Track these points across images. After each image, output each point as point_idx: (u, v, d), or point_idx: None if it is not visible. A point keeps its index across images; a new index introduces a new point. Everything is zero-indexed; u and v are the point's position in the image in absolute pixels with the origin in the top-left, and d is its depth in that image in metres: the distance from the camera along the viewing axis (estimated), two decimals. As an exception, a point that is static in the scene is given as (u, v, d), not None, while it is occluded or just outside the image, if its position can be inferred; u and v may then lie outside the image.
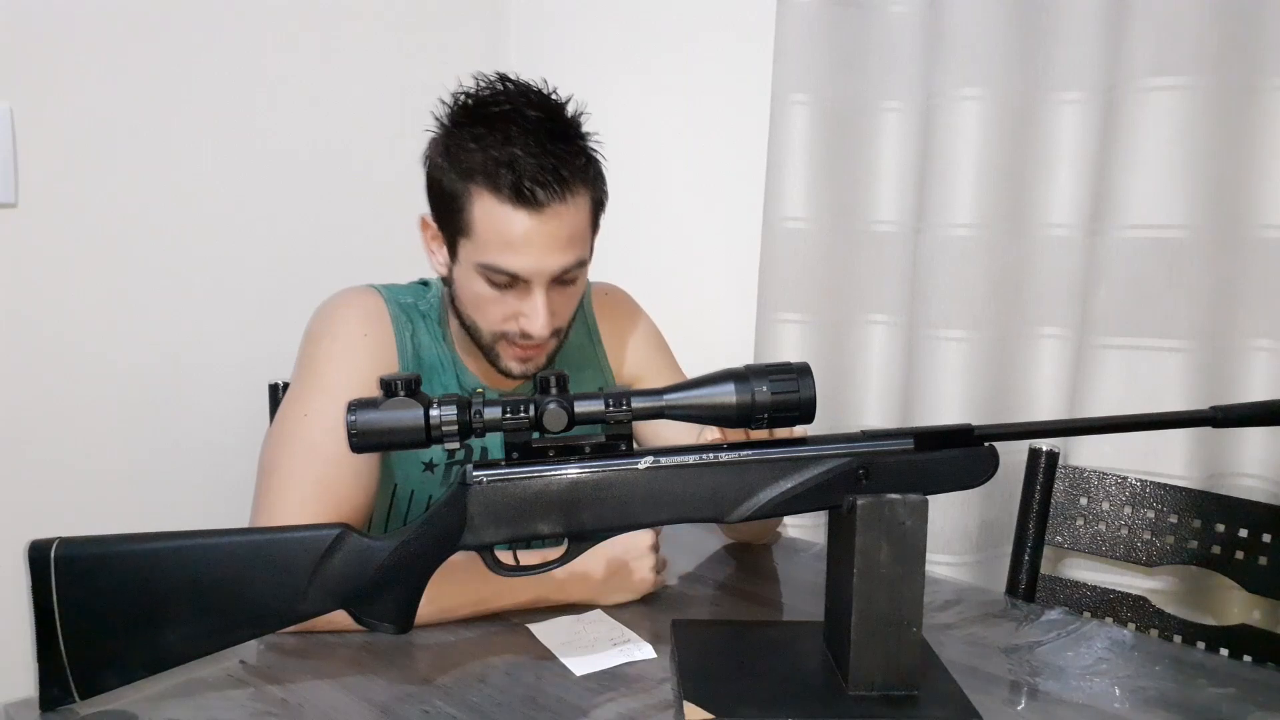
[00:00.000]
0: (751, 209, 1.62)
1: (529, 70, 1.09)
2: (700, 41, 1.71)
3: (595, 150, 1.04)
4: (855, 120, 1.51)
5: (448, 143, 1.01)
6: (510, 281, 1.00)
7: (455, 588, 0.96)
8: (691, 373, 1.10)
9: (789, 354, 1.56)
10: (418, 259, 1.21)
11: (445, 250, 1.06)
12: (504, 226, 0.97)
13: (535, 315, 1.00)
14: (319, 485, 1.00)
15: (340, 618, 0.83)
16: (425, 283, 1.16)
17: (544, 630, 0.97)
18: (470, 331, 1.06)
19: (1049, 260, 1.39)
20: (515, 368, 1.06)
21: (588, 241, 1.04)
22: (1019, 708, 0.86)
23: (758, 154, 1.59)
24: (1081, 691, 0.88)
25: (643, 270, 1.39)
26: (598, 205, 1.05)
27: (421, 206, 1.11)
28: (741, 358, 1.36)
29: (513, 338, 1.03)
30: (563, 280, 1.02)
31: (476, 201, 0.98)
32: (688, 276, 1.74)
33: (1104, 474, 1.24)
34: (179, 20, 1.43)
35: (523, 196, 0.96)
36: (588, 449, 0.83)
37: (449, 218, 1.02)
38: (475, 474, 0.81)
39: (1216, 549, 1.17)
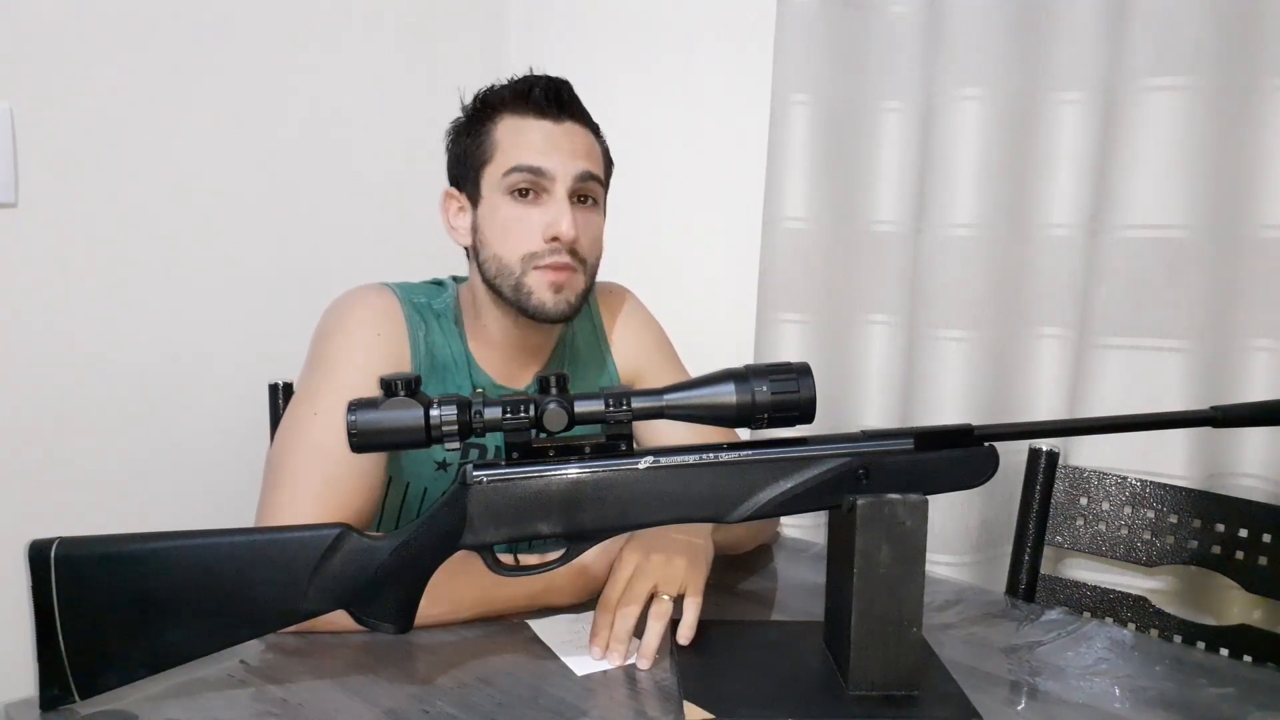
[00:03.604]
0: (751, 209, 1.62)
1: (528, 71, 1.10)
2: (700, 42, 1.71)
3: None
4: (855, 120, 1.51)
5: (470, 115, 1.10)
6: (535, 186, 1.04)
7: (457, 589, 0.96)
8: (692, 373, 1.10)
9: (789, 354, 1.56)
10: (419, 259, 1.22)
11: (468, 215, 1.09)
12: (527, 134, 1.05)
13: (562, 216, 1.03)
14: (326, 484, 1.00)
15: (340, 618, 0.83)
16: (439, 282, 1.16)
17: (545, 630, 0.97)
18: (499, 281, 1.06)
19: (1049, 260, 1.39)
20: (549, 299, 1.05)
21: (601, 170, 1.10)
22: (1019, 708, 0.86)
23: (758, 154, 1.59)
24: (1081, 691, 0.88)
25: (643, 270, 1.39)
26: (607, 164, 1.13)
27: (423, 207, 1.11)
28: (741, 358, 1.36)
29: (543, 257, 1.04)
30: (582, 198, 1.07)
31: (499, 125, 1.06)
32: (688, 276, 1.74)
33: (1104, 474, 1.24)
34: (179, 21, 1.43)
35: (544, 108, 1.05)
36: (588, 449, 0.83)
37: (472, 162, 1.08)
38: (475, 474, 0.81)
39: (1216, 549, 1.17)
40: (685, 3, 1.72)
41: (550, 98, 1.06)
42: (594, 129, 1.11)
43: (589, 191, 1.07)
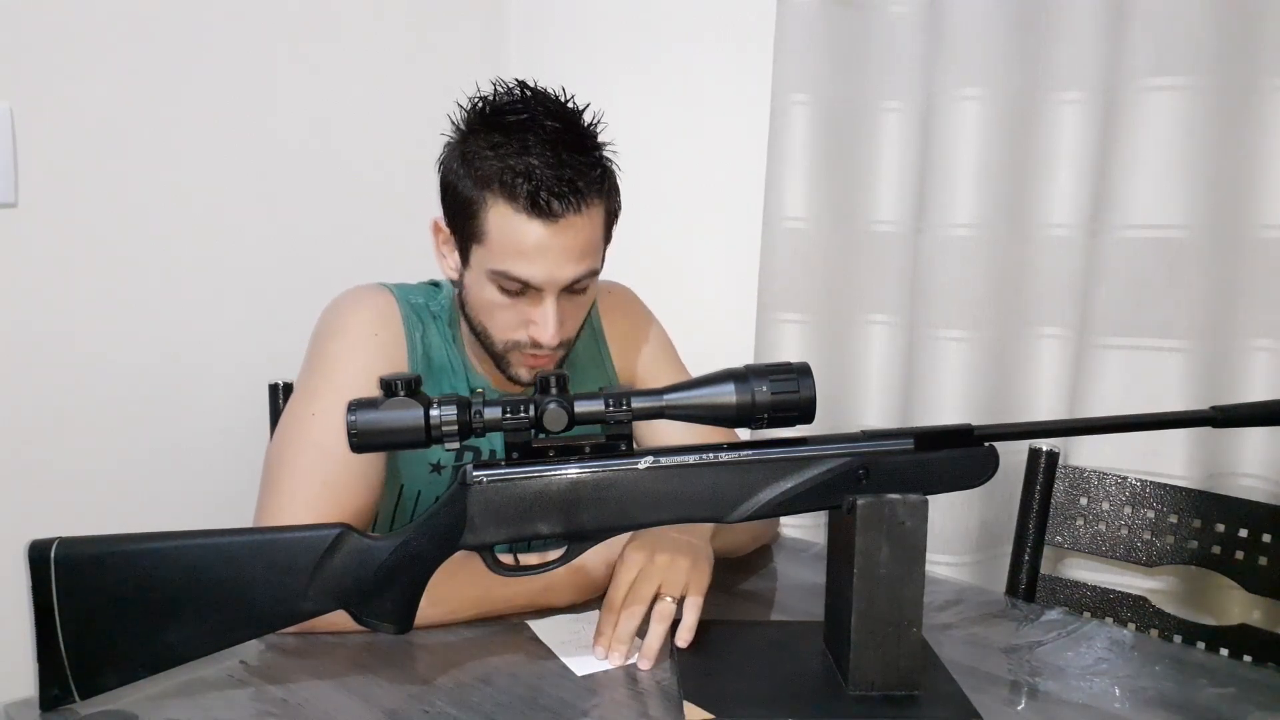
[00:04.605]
0: (751, 209, 1.62)
1: (529, 71, 1.09)
2: (700, 42, 1.71)
3: (610, 160, 1.03)
4: (855, 120, 1.51)
5: (464, 149, 1.00)
6: (522, 289, 0.99)
7: (457, 589, 0.96)
8: (692, 373, 1.10)
9: (789, 354, 1.56)
10: (418, 260, 1.21)
11: (457, 255, 1.05)
12: (518, 236, 0.97)
13: (546, 324, 1.00)
14: (325, 485, 1.00)
15: (340, 618, 0.83)
16: (436, 284, 1.16)
17: (544, 630, 0.97)
18: (480, 337, 1.06)
19: (1049, 260, 1.39)
20: (524, 375, 1.06)
21: (600, 252, 1.03)
22: (1019, 708, 0.86)
23: (758, 154, 1.59)
24: (1081, 691, 0.88)
25: (643, 270, 1.39)
26: (611, 216, 1.05)
27: (422, 206, 1.11)
28: (741, 358, 1.36)
29: (523, 346, 1.03)
30: (574, 289, 1.01)
31: (491, 209, 0.98)
32: (688, 276, 1.74)
33: (1104, 474, 1.24)
34: (178, 20, 1.43)
35: (538, 207, 0.95)
36: (588, 449, 0.83)
37: (463, 223, 1.01)
38: (475, 474, 0.81)
39: (1216, 549, 1.17)
40: (685, 3, 1.72)
41: (544, 199, 0.95)
42: (602, 191, 1.00)
43: (580, 286, 1.01)
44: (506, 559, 0.87)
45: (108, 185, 1.38)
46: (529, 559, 0.92)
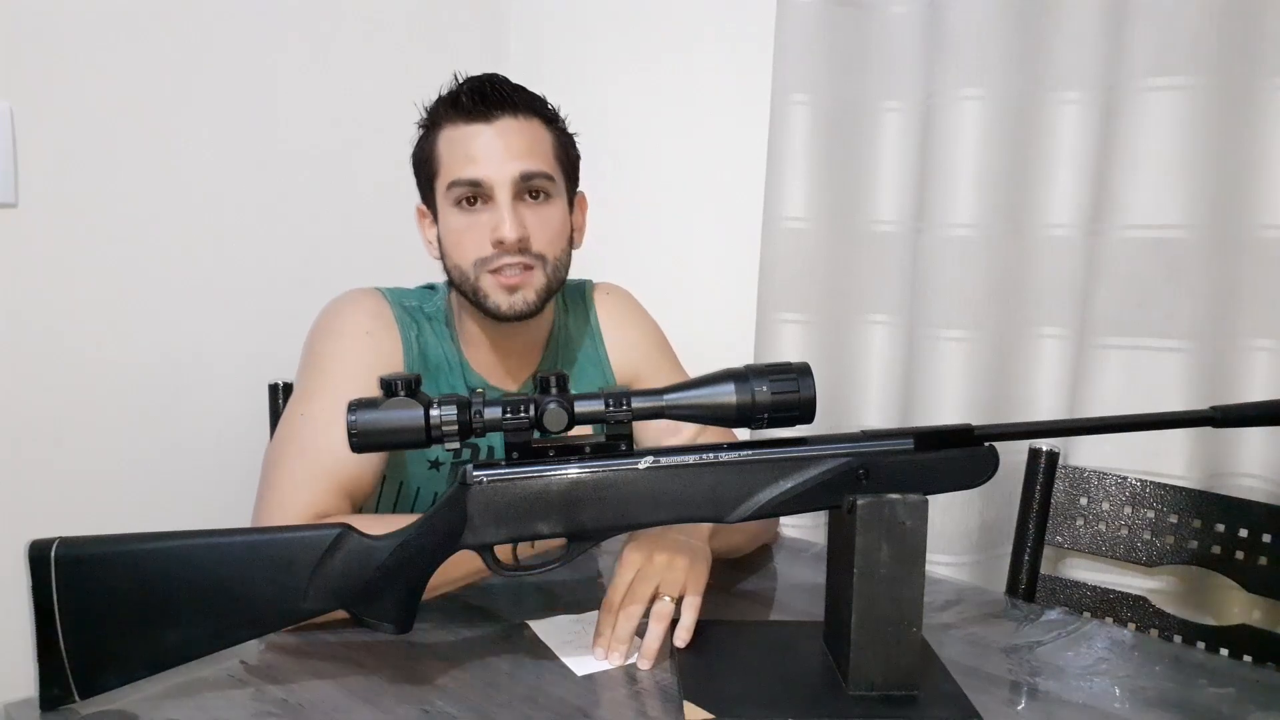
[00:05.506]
0: (751, 209, 1.62)
1: (529, 70, 1.10)
2: (700, 41, 1.71)
3: (564, 123, 1.11)
4: (855, 120, 1.51)
5: (421, 129, 1.10)
6: (476, 195, 1.04)
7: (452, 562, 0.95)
8: (692, 373, 1.10)
9: (789, 354, 1.56)
10: (418, 260, 1.21)
11: (435, 227, 1.09)
12: (463, 142, 1.04)
13: (502, 220, 1.03)
14: (322, 484, 1.00)
15: (341, 617, 0.83)
16: (432, 286, 1.17)
17: (544, 630, 0.97)
18: (462, 287, 1.07)
19: (1049, 260, 1.39)
20: (503, 301, 1.06)
21: (551, 163, 1.07)
22: (1019, 708, 0.86)
23: (758, 154, 1.59)
24: (1081, 691, 0.88)
25: (643, 270, 1.39)
26: (564, 149, 1.10)
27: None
28: (741, 358, 1.36)
29: (493, 261, 1.04)
30: (530, 192, 1.05)
31: (441, 136, 1.06)
32: (688, 276, 1.74)
33: (1104, 474, 1.24)
34: (179, 21, 1.43)
35: (476, 110, 1.04)
36: (588, 449, 0.83)
37: (427, 173, 1.08)
38: (475, 474, 0.82)
39: (1216, 549, 1.17)
40: (685, 3, 1.72)
41: (477, 99, 1.04)
42: (542, 115, 1.08)
43: (537, 188, 1.06)
44: (505, 554, 0.87)
45: (108, 185, 1.38)
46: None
